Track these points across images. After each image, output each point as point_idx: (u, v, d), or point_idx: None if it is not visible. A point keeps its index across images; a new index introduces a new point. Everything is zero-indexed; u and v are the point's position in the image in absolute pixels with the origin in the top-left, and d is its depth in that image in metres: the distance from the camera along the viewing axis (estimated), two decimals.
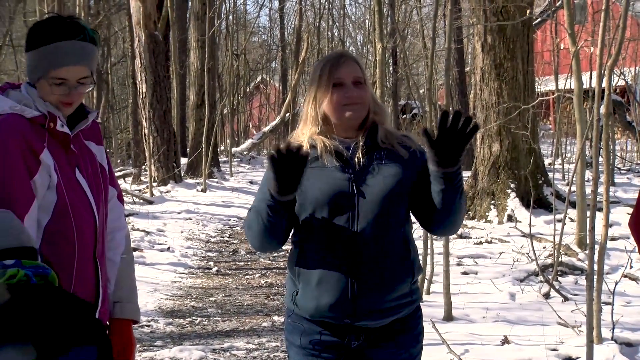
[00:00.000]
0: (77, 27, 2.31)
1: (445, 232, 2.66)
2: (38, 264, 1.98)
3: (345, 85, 2.49)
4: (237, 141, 27.00)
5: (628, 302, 6.39)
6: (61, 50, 2.27)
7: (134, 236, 9.55)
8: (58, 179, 2.28)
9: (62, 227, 2.29)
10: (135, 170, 16.48)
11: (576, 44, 7.28)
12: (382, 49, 7.15)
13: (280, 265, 8.48)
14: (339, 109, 2.49)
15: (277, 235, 2.47)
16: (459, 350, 5.06)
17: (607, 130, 11.03)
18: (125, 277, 2.58)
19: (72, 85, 2.30)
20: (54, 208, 2.28)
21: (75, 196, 2.32)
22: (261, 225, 2.43)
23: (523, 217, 9.70)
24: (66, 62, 2.28)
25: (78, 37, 2.29)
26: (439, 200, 2.40)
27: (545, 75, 22.66)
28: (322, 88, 2.50)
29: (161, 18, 15.13)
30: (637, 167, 17.39)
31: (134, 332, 2.63)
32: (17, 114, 2.25)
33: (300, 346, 2.53)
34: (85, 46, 2.31)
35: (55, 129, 2.29)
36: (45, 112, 2.28)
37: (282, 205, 2.37)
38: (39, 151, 2.25)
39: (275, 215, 2.39)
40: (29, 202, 2.21)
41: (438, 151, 2.31)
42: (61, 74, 2.27)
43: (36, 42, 2.29)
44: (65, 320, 1.77)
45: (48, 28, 2.30)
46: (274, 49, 33.63)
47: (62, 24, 2.31)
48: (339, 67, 2.50)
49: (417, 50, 24.13)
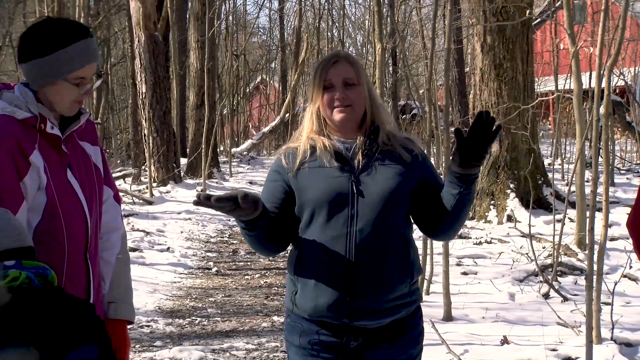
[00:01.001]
0: (82, 27, 2.38)
1: (446, 238, 2.69)
2: (38, 264, 1.98)
3: (335, 87, 2.50)
4: (237, 142, 27.00)
5: (627, 303, 6.39)
6: (81, 50, 2.32)
7: (134, 236, 9.55)
8: (48, 180, 2.28)
9: (52, 228, 2.29)
10: (135, 171, 16.48)
11: (576, 44, 7.28)
12: (382, 50, 7.16)
13: (280, 266, 8.48)
14: (330, 111, 2.51)
15: (267, 243, 2.50)
16: (459, 351, 5.07)
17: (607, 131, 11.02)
18: (120, 277, 2.58)
19: (88, 83, 2.37)
20: (44, 209, 2.28)
21: (66, 197, 2.32)
22: (246, 238, 2.48)
23: (522, 218, 9.69)
24: (87, 61, 2.34)
25: (89, 35, 2.36)
26: (452, 203, 2.42)
27: (545, 75, 22.66)
28: (315, 90, 2.53)
29: (161, 19, 15.13)
30: (637, 167, 17.38)
31: (131, 333, 2.63)
32: (8, 115, 2.26)
33: (300, 346, 2.53)
34: (94, 42, 2.39)
35: (46, 131, 2.29)
36: (37, 114, 2.28)
37: (252, 222, 2.37)
38: (29, 152, 2.25)
39: (252, 230, 2.41)
40: (17, 204, 2.21)
41: (466, 150, 2.32)
42: (83, 72, 2.34)
43: (49, 47, 2.29)
44: (66, 321, 1.77)
45: (57, 31, 2.31)
46: (274, 49, 33.65)
47: (69, 26, 2.35)
48: (329, 69, 2.51)
49: (417, 51, 24.14)
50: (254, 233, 2.42)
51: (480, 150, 2.32)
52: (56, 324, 1.74)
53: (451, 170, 2.39)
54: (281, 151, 2.60)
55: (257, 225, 2.39)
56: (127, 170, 17.23)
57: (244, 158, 23.29)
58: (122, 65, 26.94)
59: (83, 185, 2.39)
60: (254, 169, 21.53)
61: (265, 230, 2.43)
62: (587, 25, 18.05)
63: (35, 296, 1.82)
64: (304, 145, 2.54)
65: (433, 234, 2.59)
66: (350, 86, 2.51)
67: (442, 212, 2.47)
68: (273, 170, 2.58)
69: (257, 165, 22.56)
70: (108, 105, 23.34)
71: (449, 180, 2.41)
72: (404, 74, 19.54)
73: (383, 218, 2.44)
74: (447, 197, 2.43)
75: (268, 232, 2.45)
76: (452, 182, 2.40)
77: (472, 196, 2.43)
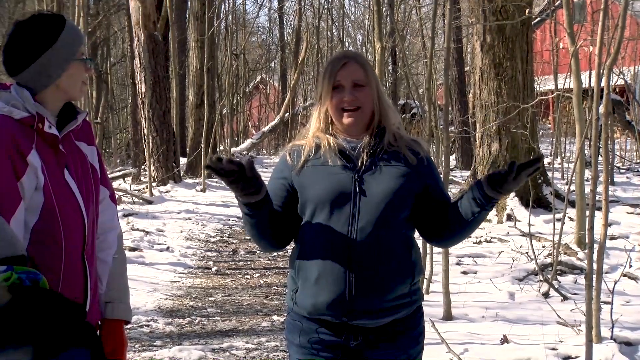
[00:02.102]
0: (54, 13, 2.44)
1: (448, 245, 2.70)
2: (29, 270, 1.97)
3: (344, 89, 2.50)
4: (237, 141, 26.99)
5: (627, 301, 6.39)
6: (73, 27, 2.39)
7: (134, 236, 9.55)
8: (45, 180, 2.27)
9: (50, 228, 2.29)
10: (135, 170, 16.49)
11: (575, 44, 7.28)
12: (381, 49, 7.16)
13: (280, 265, 8.48)
14: (339, 113, 2.51)
15: (267, 234, 2.50)
16: (459, 350, 5.06)
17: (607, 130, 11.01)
18: (117, 277, 2.58)
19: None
20: (42, 209, 2.28)
21: (63, 197, 2.32)
22: (247, 225, 2.47)
23: (522, 217, 9.69)
24: (80, 35, 2.41)
25: (67, 18, 2.41)
26: (470, 218, 2.42)
27: (545, 74, 22.66)
28: (324, 90, 2.53)
29: (160, 18, 15.14)
30: (637, 166, 17.39)
31: (131, 332, 2.63)
32: (5, 115, 2.25)
33: (299, 345, 2.53)
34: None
35: (44, 130, 2.29)
36: (34, 113, 2.28)
37: (253, 206, 2.38)
38: (27, 153, 2.24)
39: (254, 216, 2.41)
40: (15, 204, 2.21)
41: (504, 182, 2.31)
42: (83, 47, 2.39)
43: (51, 36, 2.32)
44: (60, 323, 1.76)
45: (45, 22, 2.34)
46: (273, 48, 33.65)
47: (47, 15, 2.39)
48: (339, 70, 2.51)
49: (416, 50, 24.14)
50: (255, 219, 2.42)
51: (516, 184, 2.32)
52: (50, 324, 1.74)
53: (480, 189, 2.37)
54: (287, 148, 2.61)
55: (260, 210, 2.39)
56: (126, 170, 17.24)
57: (243, 157, 23.27)
58: (121, 64, 26.96)
59: (80, 185, 2.39)
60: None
61: (266, 218, 2.43)
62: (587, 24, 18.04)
63: (31, 295, 1.81)
64: (309, 143, 2.55)
65: (435, 240, 2.59)
66: (360, 87, 2.51)
67: (446, 221, 2.47)
68: (278, 168, 2.59)
69: (257, 164, 22.54)
70: (108, 104, 23.35)
71: (473, 197, 2.38)
72: (404, 73, 19.54)
73: (385, 218, 2.43)
74: (466, 212, 2.42)
75: (269, 222, 2.45)
76: (477, 199, 2.38)
77: (487, 214, 2.44)
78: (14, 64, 2.33)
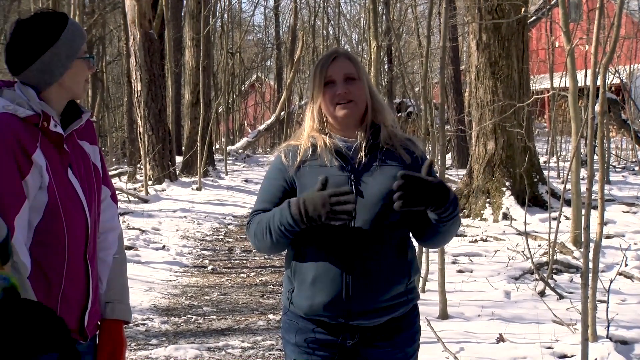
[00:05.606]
0: (55, 11, 2.41)
1: (435, 246, 2.70)
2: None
3: (336, 83, 2.49)
4: (233, 139, 27.00)
5: (623, 300, 6.40)
6: (75, 25, 2.37)
7: (129, 235, 9.54)
8: (50, 180, 2.26)
9: (53, 228, 2.27)
10: (131, 169, 16.47)
11: (571, 42, 7.29)
12: (377, 47, 7.16)
13: (276, 264, 8.48)
14: (332, 107, 2.50)
15: (285, 247, 2.51)
16: (454, 349, 5.07)
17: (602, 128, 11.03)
18: (117, 277, 2.57)
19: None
20: (45, 208, 2.26)
21: (67, 197, 2.31)
22: (269, 241, 2.45)
23: (518, 215, 9.70)
24: (82, 32, 2.39)
25: (69, 16, 2.42)
26: (437, 229, 2.44)
27: (540, 73, 22.70)
28: (316, 87, 2.52)
29: (156, 16, 15.12)
30: (632, 165, 17.42)
31: (127, 331, 2.62)
32: (10, 113, 2.24)
33: (296, 344, 2.53)
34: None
35: (49, 129, 2.28)
36: (39, 112, 2.27)
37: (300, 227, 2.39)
38: (31, 151, 2.23)
39: (289, 238, 2.42)
40: (19, 203, 2.19)
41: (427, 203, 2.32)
42: (85, 45, 2.38)
43: (54, 33, 2.30)
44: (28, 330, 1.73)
45: (47, 20, 2.32)
46: (269, 47, 33.66)
47: (48, 13, 2.37)
48: (329, 65, 2.51)
49: (412, 49, 24.14)
50: (291, 239, 2.43)
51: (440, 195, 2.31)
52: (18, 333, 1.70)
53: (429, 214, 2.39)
54: (281, 149, 2.59)
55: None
56: (122, 169, 17.23)
57: (239, 156, 23.28)
58: (117, 63, 26.92)
59: (83, 184, 2.38)
60: (250, 167, 21.53)
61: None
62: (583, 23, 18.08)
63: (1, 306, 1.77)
64: (304, 143, 2.53)
65: (421, 240, 2.59)
66: (352, 81, 2.50)
67: (429, 224, 2.45)
68: (273, 169, 2.56)
69: (253, 163, 22.56)
70: (103, 103, 23.32)
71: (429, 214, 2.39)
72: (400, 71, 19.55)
73: (381, 218, 2.43)
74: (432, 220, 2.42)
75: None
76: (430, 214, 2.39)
77: (455, 215, 2.40)
78: (16, 63, 2.31)
